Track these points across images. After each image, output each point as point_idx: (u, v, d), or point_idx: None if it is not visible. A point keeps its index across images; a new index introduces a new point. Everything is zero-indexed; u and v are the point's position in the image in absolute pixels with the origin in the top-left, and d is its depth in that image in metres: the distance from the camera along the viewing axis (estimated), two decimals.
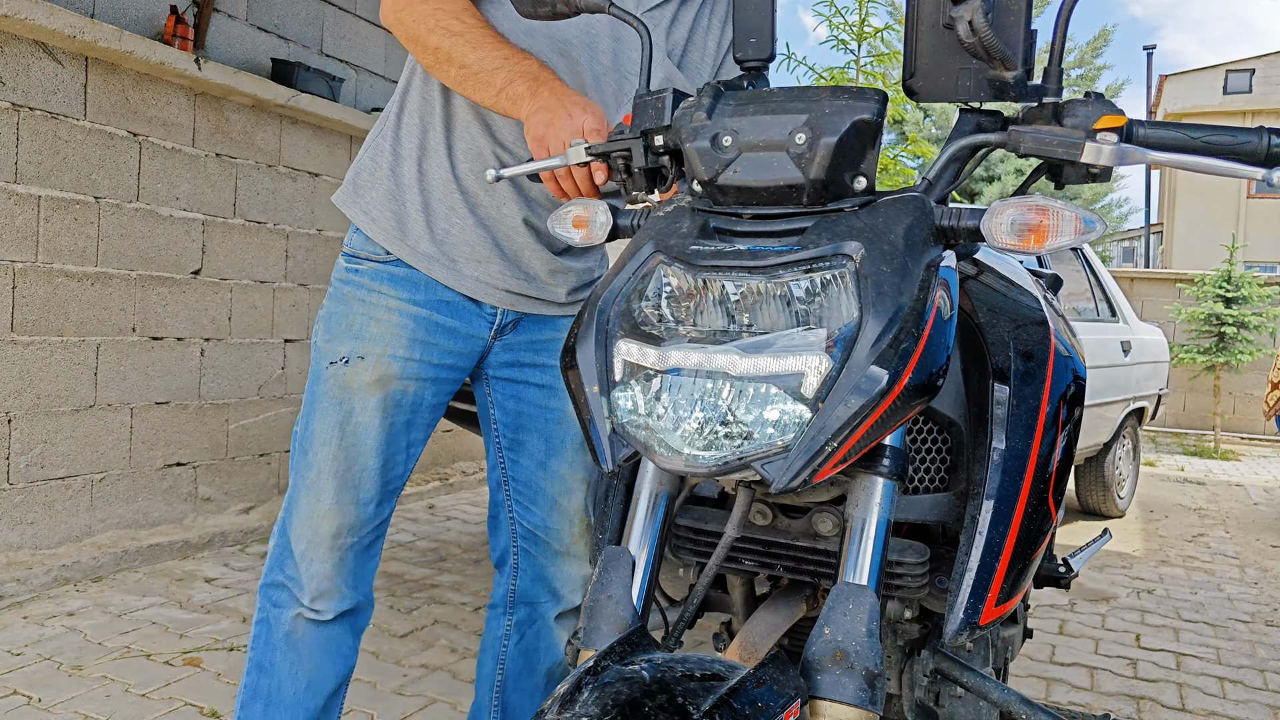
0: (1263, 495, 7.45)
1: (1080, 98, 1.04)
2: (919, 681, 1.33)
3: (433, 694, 2.72)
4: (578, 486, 1.76)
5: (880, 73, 7.34)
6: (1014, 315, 1.32)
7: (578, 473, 1.76)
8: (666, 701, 0.79)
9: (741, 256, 0.98)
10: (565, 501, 1.75)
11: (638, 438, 0.98)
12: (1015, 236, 0.99)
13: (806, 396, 0.91)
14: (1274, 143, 0.99)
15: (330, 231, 5.13)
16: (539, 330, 1.70)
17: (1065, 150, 1.01)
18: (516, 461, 1.75)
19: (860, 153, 1.02)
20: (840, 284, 0.95)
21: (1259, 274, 10.89)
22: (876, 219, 0.99)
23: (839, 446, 0.90)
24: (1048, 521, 1.25)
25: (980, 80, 1.09)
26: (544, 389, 1.72)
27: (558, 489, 1.74)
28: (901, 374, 0.90)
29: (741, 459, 0.92)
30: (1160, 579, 4.57)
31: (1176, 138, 1.02)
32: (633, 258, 1.07)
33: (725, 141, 1.03)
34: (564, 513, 1.75)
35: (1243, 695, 3.08)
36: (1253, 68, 27.68)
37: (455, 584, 3.81)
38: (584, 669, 0.86)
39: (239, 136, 4.56)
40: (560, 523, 1.76)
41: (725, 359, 0.94)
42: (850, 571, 1.02)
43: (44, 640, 2.98)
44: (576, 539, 1.78)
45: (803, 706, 0.90)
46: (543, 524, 1.76)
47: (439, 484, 5.67)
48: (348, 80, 5.59)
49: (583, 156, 1.32)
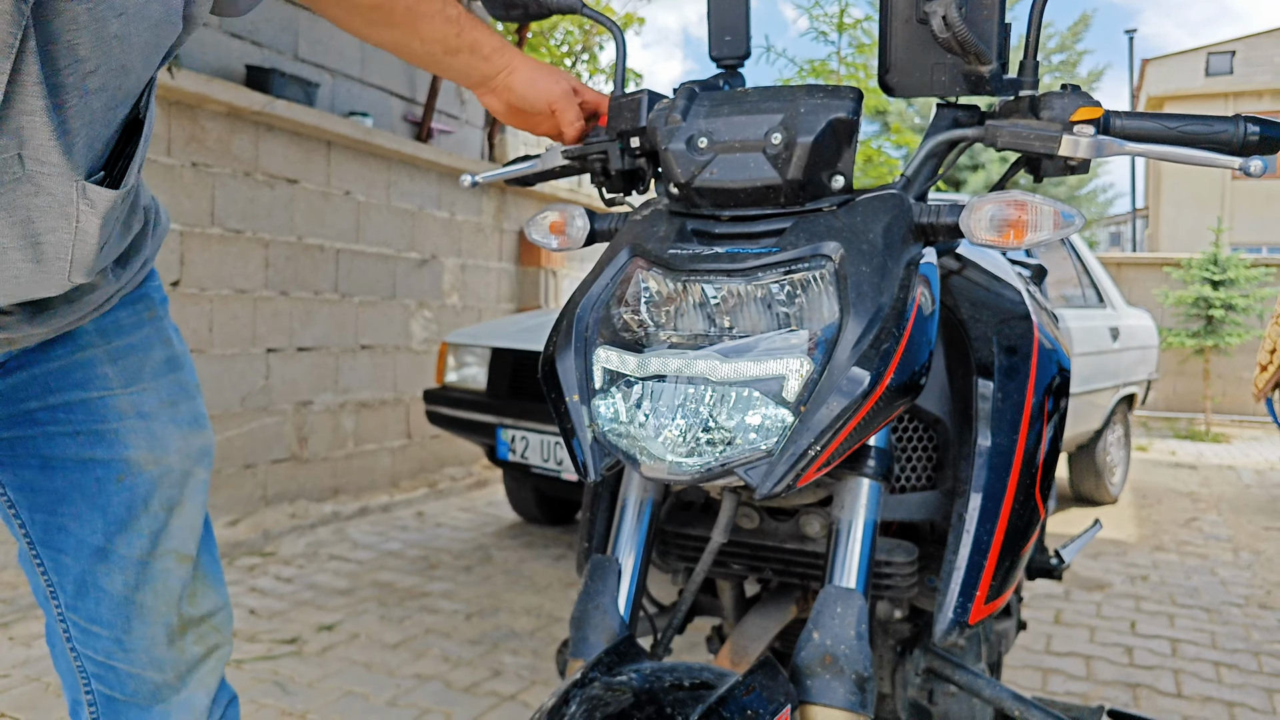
0: (1254, 477, 7.47)
1: (1057, 90, 1.04)
2: (911, 681, 1.33)
3: (426, 704, 2.69)
4: (169, 571, 1.18)
5: (861, 63, 7.34)
6: (997, 310, 1.32)
7: (167, 546, 1.17)
8: (655, 712, 0.78)
9: (720, 260, 0.97)
10: (147, 599, 1.16)
11: (620, 446, 0.97)
12: (994, 232, 0.99)
13: (788, 400, 0.90)
14: (1249, 131, 0.99)
15: (310, 238, 5.10)
16: (47, 357, 1.10)
17: (1042, 144, 1.00)
18: (61, 558, 1.13)
19: (837, 151, 1.01)
20: (820, 285, 0.94)
21: (1245, 256, 10.93)
22: (855, 218, 0.98)
23: (822, 450, 0.89)
24: (1036, 515, 1.24)
25: (956, 75, 1.08)
26: (81, 436, 1.11)
27: (131, 584, 1.14)
28: (884, 374, 0.89)
29: (724, 465, 0.91)
30: (1154, 565, 4.57)
31: (1153, 128, 1.01)
32: (610, 263, 1.06)
33: (701, 143, 1.02)
34: (146, 619, 1.16)
35: (1238, 679, 3.07)
36: (1233, 50, 27.79)
37: (446, 592, 3.78)
38: (571, 681, 0.85)
39: (214, 145, 4.53)
40: (143, 638, 1.16)
41: (706, 364, 0.93)
42: (838, 574, 1.01)
43: (30, 661, 2.94)
44: (173, 659, 1.19)
45: (793, 712, 0.89)
46: (118, 646, 1.15)
47: (428, 490, 5.64)
48: (323, 85, 5.56)
49: (559, 160, 1.31)
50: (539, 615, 3.53)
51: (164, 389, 1.18)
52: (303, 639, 3.19)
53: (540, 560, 4.30)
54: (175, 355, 1.21)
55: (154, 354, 1.17)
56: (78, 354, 1.11)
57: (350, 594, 3.71)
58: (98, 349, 1.12)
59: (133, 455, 1.13)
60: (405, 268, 5.86)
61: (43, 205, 0.86)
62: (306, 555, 4.28)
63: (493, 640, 3.24)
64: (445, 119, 6.77)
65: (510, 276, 7.03)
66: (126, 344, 1.14)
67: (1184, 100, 25.86)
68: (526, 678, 2.91)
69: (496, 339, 4.36)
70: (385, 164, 5.68)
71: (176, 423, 1.18)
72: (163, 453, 1.16)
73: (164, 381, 1.18)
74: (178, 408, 1.19)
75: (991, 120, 1.06)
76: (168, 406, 1.18)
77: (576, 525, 5.00)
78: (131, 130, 0.94)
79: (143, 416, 1.14)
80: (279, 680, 2.83)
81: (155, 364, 1.17)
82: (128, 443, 1.13)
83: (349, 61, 5.82)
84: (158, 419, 1.16)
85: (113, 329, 1.13)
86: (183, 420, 1.19)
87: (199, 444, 1.22)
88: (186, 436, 1.19)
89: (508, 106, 1.32)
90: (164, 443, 1.16)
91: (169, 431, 1.17)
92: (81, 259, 0.92)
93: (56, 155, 0.83)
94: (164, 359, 1.19)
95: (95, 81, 0.83)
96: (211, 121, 4.50)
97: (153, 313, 1.19)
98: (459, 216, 6.37)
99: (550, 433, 3.92)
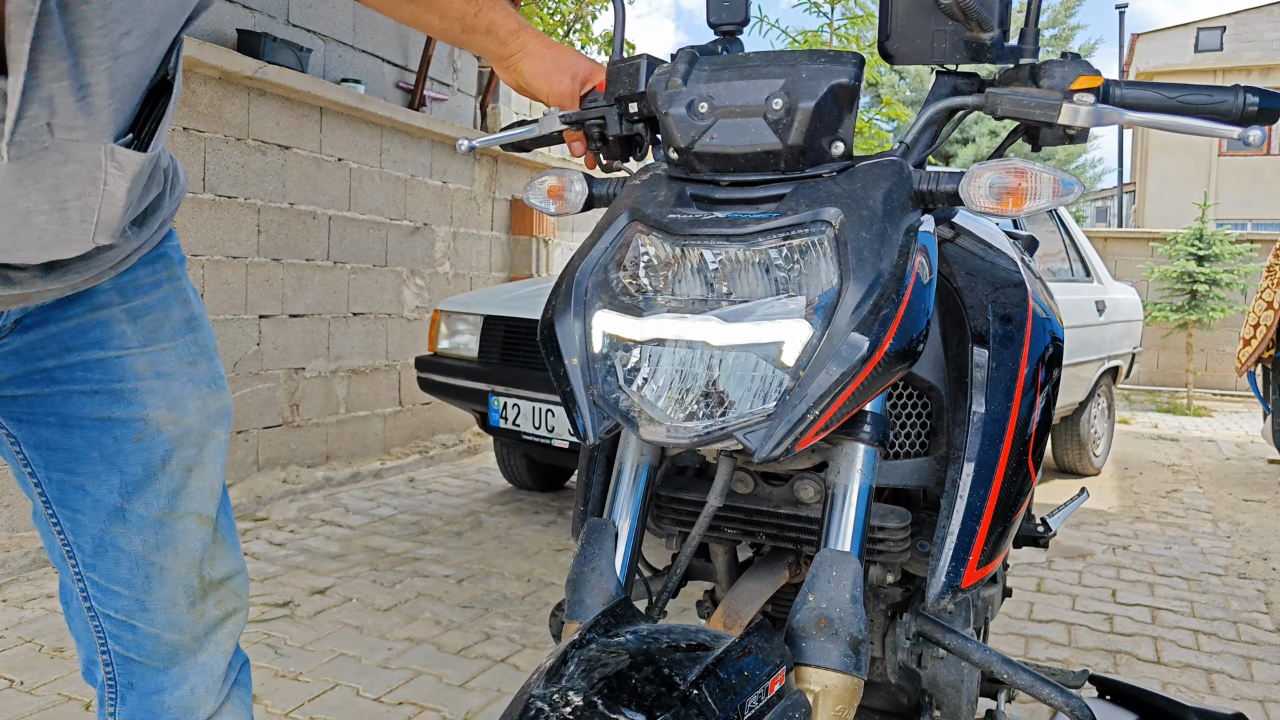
0: (1235, 450, 7.55)
1: (1057, 58, 1.04)
2: (901, 644, 1.34)
3: (418, 667, 2.73)
4: (189, 532, 1.18)
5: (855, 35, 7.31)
6: (992, 278, 1.32)
7: (187, 508, 1.18)
8: (653, 673, 0.79)
9: (720, 224, 0.98)
10: (167, 560, 1.16)
11: (619, 409, 0.97)
12: (994, 199, 0.99)
13: (787, 364, 0.91)
14: (1249, 101, 0.99)
15: (303, 205, 5.08)
16: (64, 315, 1.09)
17: (1043, 112, 1.00)
18: (77, 518, 1.14)
19: (838, 118, 1.00)
20: (819, 250, 0.94)
21: (1230, 231, 10.98)
22: (855, 184, 0.98)
23: (820, 414, 0.90)
24: (1027, 483, 1.26)
25: (956, 42, 1.08)
26: (99, 395, 1.10)
27: (150, 544, 1.15)
28: (882, 340, 0.90)
29: (723, 429, 0.92)
30: (1135, 535, 4.63)
31: (1153, 98, 1.02)
32: (609, 227, 1.05)
33: (701, 108, 1.02)
34: (166, 580, 1.17)
35: (1216, 647, 3.13)
36: (1224, 25, 27.72)
37: (438, 556, 3.81)
38: (570, 642, 0.85)
39: (206, 110, 4.49)
40: (163, 599, 1.17)
41: (705, 328, 0.94)
42: (833, 538, 1.02)
43: (24, 623, 2.96)
44: (192, 622, 1.20)
45: (788, 673, 0.90)
46: (138, 607, 1.16)
47: (419, 457, 5.66)
48: (316, 50, 5.51)
49: (557, 125, 1.31)
50: (529, 580, 3.56)
51: (183, 349, 1.16)
52: (295, 602, 3.22)
53: (531, 526, 4.33)
54: (194, 315, 1.20)
55: (173, 313, 1.16)
56: (95, 312, 1.09)
57: (342, 558, 3.74)
58: (116, 307, 1.10)
59: (151, 415, 1.12)
60: (397, 235, 5.84)
61: (71, 173, 0.86)
62: (298, 520, 4.30)
63: (484, 604, 3.27)
64: (438, 86, 6.72)
65: (502, 245, 7.02)
66: (145, 303, 1.13)
67: (1173, 75, 25.79)
68: (517, 641, 2.95)
69: (489, 306, 4.36)
70: (378, 131, 5.65)
71: (195, 383, 1.17)
72: (181, 413, 1.15)
73: (182, 341, 1.17)
74: (196, 368, 1.17)
75: (992, 88, 1.06)
76: (187, 366, 1.16)
77: (566, 491, 5.03)
78: (159, 92, 0.94)
79: (161, 376, 1.13)
80: (271, 643, 2.86)
81: (174, 323, 1.16)
82: (146, 402, 1.12)
83: (341, 27, 5.76)
84: (176, 379, 1.15)
85: (131, 288, 1.12)
86: (202, 381, 1.18)
87: (217, 405, 1.20)
88: (205, 397, 1.18)
89: (518, 86, 1.33)
90: (183, 403, 1.15)
91: (188, 392, 1.16)
92: (107, 221, 0.93)
93: (86, 121, 0.83)
94: (183, 319, 1.17)
95: (130, 44, 0.82)
96: (203, 86, 4.46)
97: (171, 272, 1.17)
98: (451, 185, 6.35)
99: (541, 400, 3.93)
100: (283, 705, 2.46)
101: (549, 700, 0.76)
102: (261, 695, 2.50)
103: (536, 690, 0.78)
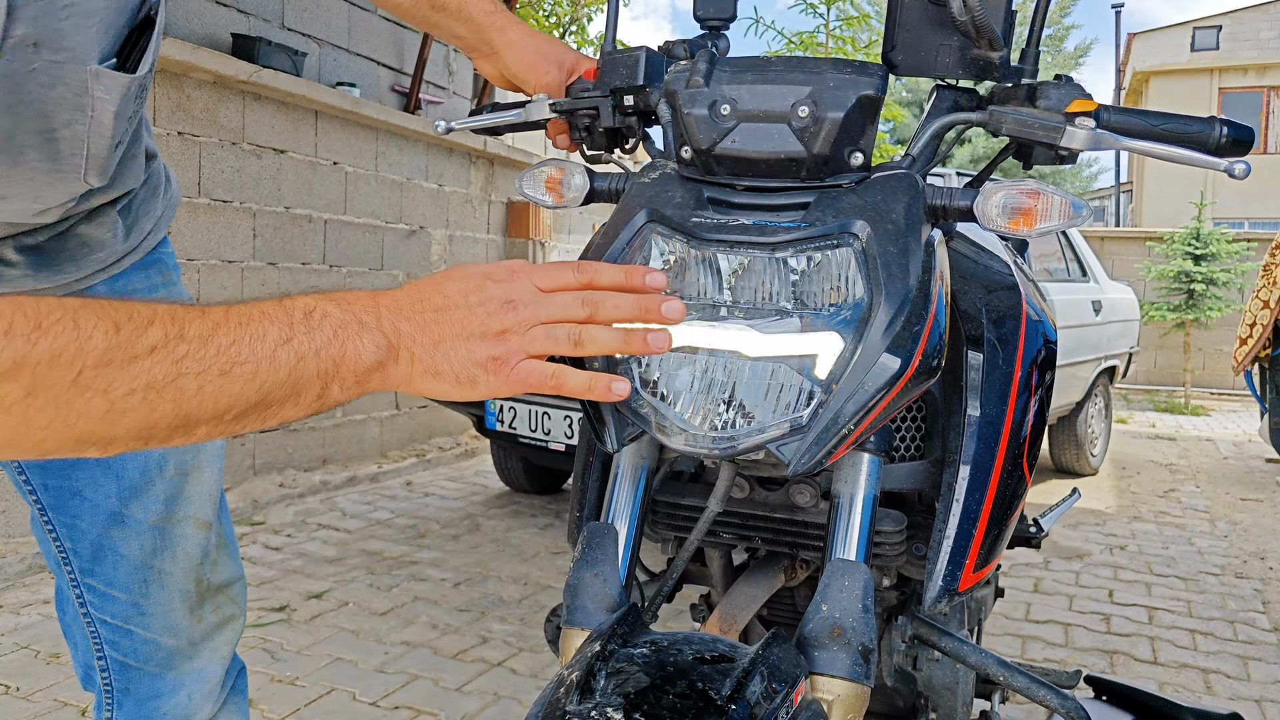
0: (1232, 449, 7.56)
1: (1051, 80, 1.05)
2: (897, 647, 1.34)
3: (415, 670, 2.72)
4: (187, 536, 1.18)
5: (849, 36, 7.32)
6: (985, 281, 1.33)
7: (185, 512, 1.17)
8: (687, 688, 0.78)
9: (747, 231, 0.97)
10: (165, 565, 1.17)
11: (645, 417, 0.96)
12: (1006, 219, 1.00)
13: (820, 377, 0.90)
14: (1224, 133, 1.00)
15: (298, 209, 5.07)
16: None
17: (1046, 133, 1.01)
18: (75, 523, 1.14)
19: (861, 129, 1.00)
20: (848, 263, 0.94)
21: (1227, 231, 10.98)
22: (875, 196, 0.98)
23: (854, 429, 0.90)
24: (1022, 485, 1.26)
25: (961, 58, 1.08)
26: None
27: (149, 548, 1.15)
28: (913, 357, 0.90)
29: (755, 441, 0.91)
30: (1132, 534, 4.63)
31: (1140, 124, 1.03)
32: (625, 227, 1.03)
33: (724, 110, 1.00)
34: (164, 584, 1.17)
35: (1213, 646, 3.14)
36: (1220, 24, 27.75)
37: (435, 560, 3.80)
38: (592, 654, 0.84)
39: (201, 114, 4.49)
40: (161, 603, 1.17)
41: (738, 337, 0.93)
42: (839, 547, 1.02)
43: (20, 629, 2.95)
44: (189, 627, 1.19)
45: None
46: (135, 611, 1.17)
47: (416, 460, 5.66)
48: (311, 54, 5.51)
49: (546, 113, 1.28)
50: (526, 583, 3.56)
51: None
52: (292, 607, 3.21)
53: (527, 529, 4.33)
54: None
55: None
56: None
57: (339, 562, 3.73)
58: None
59: None
60: (393, 239, 5.84)
61: (58, 97, 0.86)
62: (295, 524, 4.29)
63: (480, 608, 3.27)
64: (433, 89, 6.72)
65: (498, 248, 7.01)
66: None
67: (1169, 75, 25.83)
68: (514, 644, 2.94)
69: None
70: (373, 134, 5.64)
71: None
72: None
73: None
74: None
75: (994, 106, 1.06)
76: None
77: (563, 494, 5.03)
78: (142, 29, 0.95)
79: None
80: (268, 647, 2.85)
81: None
82: None
83: (336, 31, 5.76)
84: None
85: (125, 293, 1.11)
86: None
87: None
88: None
89: (500, 78, 1.30)
90: None
91: None
92: (96, 154, 0.93)
93: (71, 42, 0.84)
94: None
95: None
96: (197, 90, 4.45)
97: (166, 277, 1.17)
98: (447, 188, 6.34)
99: (537, 403, 3.93)
100: (279, 710, 2.46)
101: (587, 718, 0.75)
102: (258, 700, 2.50)
103: (572, 707, 0.77)
